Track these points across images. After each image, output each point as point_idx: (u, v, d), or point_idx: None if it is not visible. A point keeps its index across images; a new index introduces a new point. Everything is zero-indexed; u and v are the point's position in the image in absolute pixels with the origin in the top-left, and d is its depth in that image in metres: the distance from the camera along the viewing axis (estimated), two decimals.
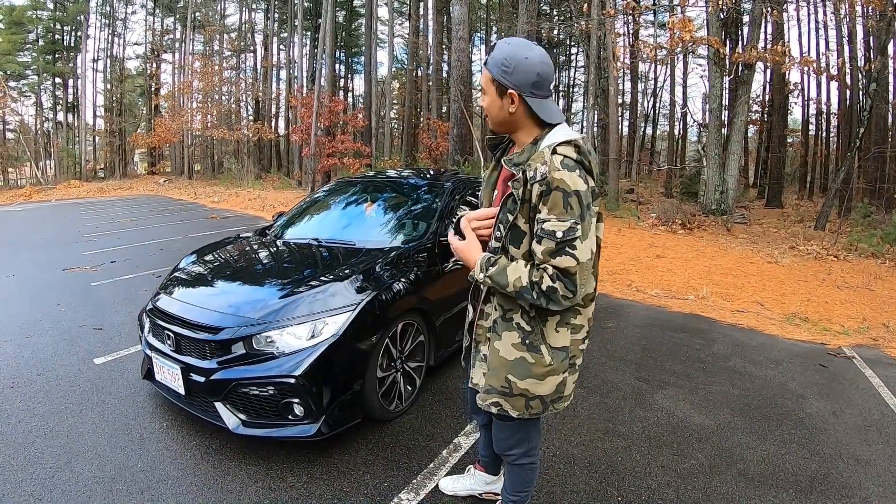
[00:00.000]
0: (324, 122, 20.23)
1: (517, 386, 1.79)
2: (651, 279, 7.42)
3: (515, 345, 1.79)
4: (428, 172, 5.16)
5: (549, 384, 1.79)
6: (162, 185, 26.04)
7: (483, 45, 34.25)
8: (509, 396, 1.82)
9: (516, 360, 1.79)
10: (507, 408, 1.83)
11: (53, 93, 34.50)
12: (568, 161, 1.62)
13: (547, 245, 1.60)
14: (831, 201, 13.20)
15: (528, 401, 1.81)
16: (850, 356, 4.87)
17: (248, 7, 34.04)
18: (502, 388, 1.82)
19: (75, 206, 17.56)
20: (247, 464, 2.78)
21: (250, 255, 3.92)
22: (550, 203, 1.60)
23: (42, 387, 3.63)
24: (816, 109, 24.86)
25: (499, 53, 1.70)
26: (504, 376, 1.81)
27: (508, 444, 2.01)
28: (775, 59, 10.83)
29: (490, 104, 1.76)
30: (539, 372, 1.77)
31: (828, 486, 2.81)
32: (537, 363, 1.76)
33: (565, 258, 1.59)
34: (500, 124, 1.80)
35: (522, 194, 1.67)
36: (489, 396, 1.86)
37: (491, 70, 1.71)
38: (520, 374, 1.78)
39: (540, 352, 1.76)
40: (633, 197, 17.32)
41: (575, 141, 1.68)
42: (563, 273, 1.60)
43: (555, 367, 1.78)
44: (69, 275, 7.03)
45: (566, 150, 1.65)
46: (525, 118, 1.75)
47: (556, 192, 1.59)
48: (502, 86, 1.70)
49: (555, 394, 1.82)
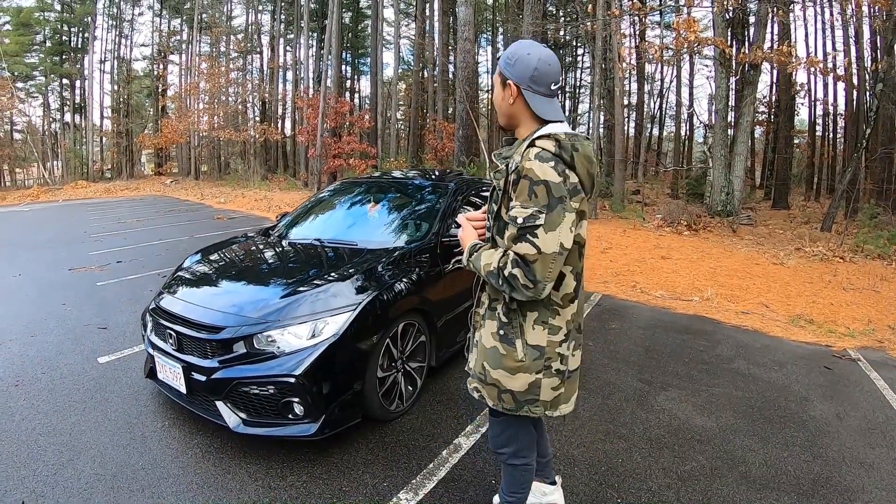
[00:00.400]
0: (330, 123, 20.31)
1: (490, 375, 1.86)
2: (656, 280, 7.39)
3: (493, 334, 1.86)
4: (432, 173, 5.17)
5: (519, 380, 1.82)
6: (169, 185, 26.19)
7: (489, 47, 34.25)
8: (484, 384, 1.90)
9: (491, 348, 1.86)
10: (484, 395, 1.92)
11: (61, 94, 34.80)
12: (544, 154, 1.66)
13: (510, 231, 1.67)
14: (838, 202, 13.12)
15: (499, 392, 1.86)
16: (854, 358, 4.84)
17: (254, 9, 34.20)
18: (479, 373, 1.92)
19: (82, 206, 17.68)
20: (247, 462, 2.79)
21: (253, 255, 3.93)
22: (518, 190, 1.66)
23: (46, 385, 3.66)
24: (823, 110, 24.73)
25: (508, 50, 1.81)
26: (482, 363, 1.90)
27: (499, 442, 2.04)
28: (780, 59, 10.76)
29: (496, 96, 1.86)
30: (509, 365, 1.82)
31: (830, 489, 2.78)
32: (508, 355, 1.82)
33: (524, 245, 1.62)
34: (504, 117, 1.86)
35: (504, 185, 1.74)
36: (472, 380, 1.97)
37: (500, 64, 1.81)
38: (492, 363, 1.85)
39: (513, 345, 1.81)
40: (638, 198, 17.26)
41: (556, 135, 1.70)
42: (522, 260, 1.63)
43: (526, 364, 1.80)
44: (75, 274, 7.08)
45: (544, 143, 1.69)
46: (523, 113, 1.81)
47: (524, 180, 1.64)
48: (504, 77, 1.79)
49: (527, 393, 1.83)
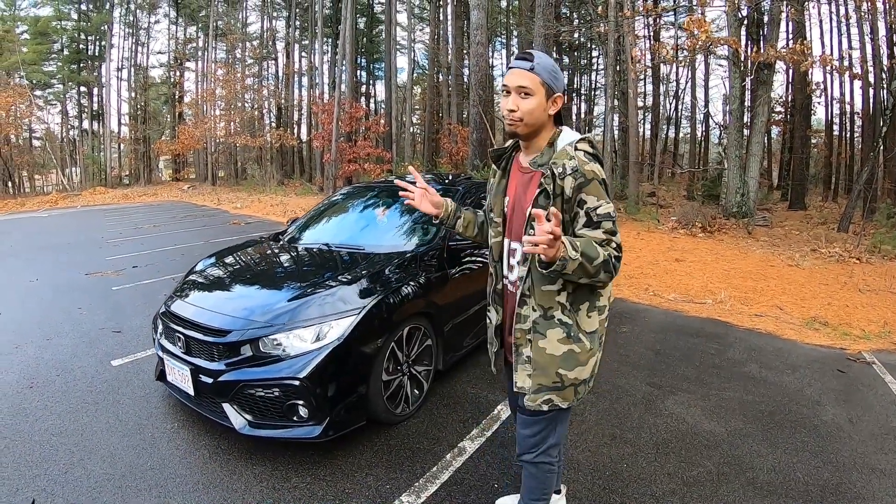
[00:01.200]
0: (345, 128, 20.43)
1: (568, 377, 1.89)
2: (669, 283, 7.34)
3: (561, 339, 1.88)
4: (445, 177, 5.19)
5: (590, 366, 1.92)
6: (186, 191, 26.53)
7: (504, 50, 34.32)
8: (561, 390, 1.91)
9: (565, 353, 1.88)
10: (559, 401, 1.92)
11: (79, 101, 35.42)
12: (589, 155, 1.81)
13: (607, 226, 1.75)
14: (854, 202, 12.90)
15: (576, 388, 1.92)
16: (869, 361, 4.75)
17: (269, 15, 34.55)
18: (554, 383, 1.90)
19: (100, 212, 17.97)
20: (253, 464, 2.83)
21: (262, 259, 3.98)
22: (593, 191, 1.75)
23: (60, 387, 3.74)
24: (840, 109, 24.38)
25: (545, 60, 1.84)
26: (554, 372, 1.89)
27: (533, 442, 2.03)
28: (793, 58, 10.61)
29: (536, 105, 1.84)
30: (584, 359, 1.89)
31: (840, 496, 2.73)
32: (582, 351, 1.89)
33: (618, 234, 1.79)
34: (532, 126, 1.87)
35: (553, 188, 1.78)
36: (539, 395, 1.92)
37: (541, 74, 1.82)
38: (569, 365, 1.89)
39: (581, 340, 1.88)
40: (654, 200, 17.13)
41: (588, 138, 1.87)
42: (618, 248, 1.76)
43: (594, 349, 1.92)
44: (91, 279, 7.20)
45: (585, 146, 1.83)
46: (551, 120, 1.91)
47: (595, 182, 1.76)
48: (552, 90, 1.84)
49: (592, 372, 1.95)
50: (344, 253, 3.74)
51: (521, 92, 1.82)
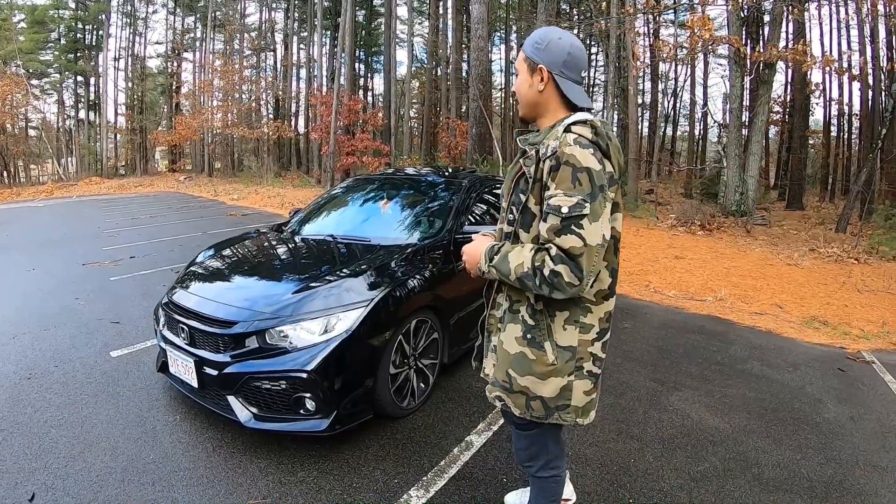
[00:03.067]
0: (343, 121, 20.33)
1: (517, 382, 1.73)
2: (669, 280, 7.34)
3: (517, 338, 1.72)
4: (445, 170, 5.15)
5: (551, 385, 1.70)
6: (182, 182, 26.37)
7: (503, 45, 34.19)
8: (510, 392, 1.76)
9: (517, 354, 1.72)
10: (509, 404, 1.78)
11: (75, 91, 35.20)
12: (581, 139, 1.57)
13: (552, 222, 1.53)
14: (852, 203, 12.96)
15: (528, 400, 1.73)
16: (869, 361, 4.77)
17: (268, 6, 34.33)
18: (503, 382, 1.78)
19: (96, 202, 17.86)
20: (258, 457, 2.80)
21: (266, 250, 3.94)
22: (559, 178, 1.53)
23: (59, 378, 3.69)
24: (838, 110, 24.46)
25: (534, 34, 1.74)
26: (505, 370, 1.76)
27: (527, 455, 1.94)
28: (796, 58, 10.64)
29: (521, 83, 1.75)
30: (539, 370, 1.69)
31: (843, 492, 2.74)
32: (538, 360, 1.69)
33: (570, 237, 1.50)
34: (528, 105, 1.76)
35: (535, 172, 1.61)
36: (493, 389, 1.83)
37: (525, 49, 1.72)
38: (520, 370, 1.72)
39: (542, 348, 1.68)
40: (652, 198, 17.12)
41: (591, 122, 1.62)
42: (567, 254, 1.50)
43: (558, 367, 1.69)
44: (88, 269, 7.14)
45: (581, 130, 1.60)
46: (553, 99, 1.71)
47: (565, 167, 1.52)
48: (533, 62, 1.70)
49: (559, 399, 1.71)
50: (350, 245, 3.71)
51: (516, 72, 1.78)
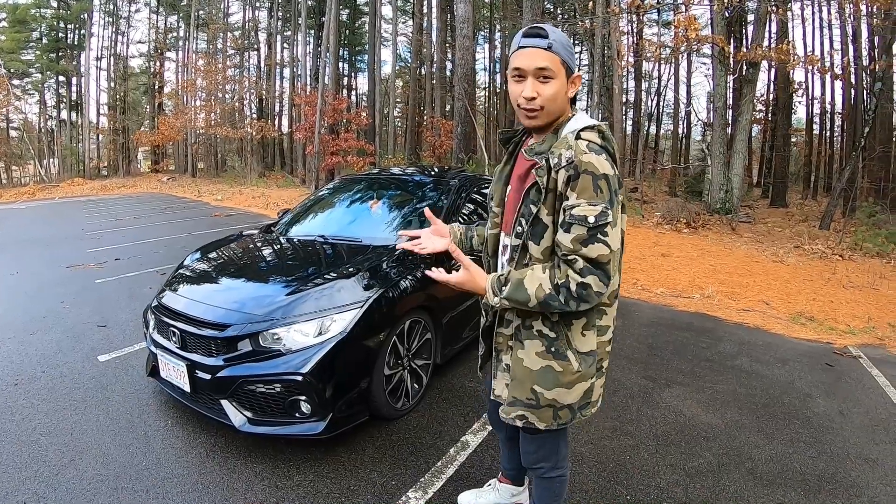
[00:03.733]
0: (327, 120, 20.23)
1: (544, 397, 1.68)
2: (656, 278, 7.38)
3: (539, 353, 1.67)
4: (433, 170, 5.14)
5: (577, 391, 1.68)
6: (165, 183, 26.11)
7: (486, 44, 34.21)
8: (536, 408, 1.70)
9: (542, 369, 1.67)
10: (534, 420, 1.72)
11: (57, 91, 34.64)
12: (594, 146, 1.54)
13: (577, 232, 1.48)
14: (836, 201, 13.15)
15: (556, 411, 1.70)
16: (855, 355, 4.84)
17: (251, 5, 34.06)
18: (528, 399, 1.70)
19: (79, 203, 17.60)
20: (253, 462, 2.77)
21: (256, 252, 3.90)
22: (579, 187, 1.48)
23: (46, 384, 3.62)
24: (821, 108, 24.82)
25: (561, 37, 1.57)
26: (530, 387, 1.69)
27: (536, 458, 1.90)
28: (780, 57, 10.77)
29: (559, 90, 1.58)
30: (567, 380, 1.66)
31: (836, 485, 2.79)
32: (565, 371, 1.65)
33: (597, 245, 1.47)
34: (554, 114, 1.63)
35: (547, 183, 1.55)
36: (514, 409, 1.74)
37: (560, 53, 1.55)
38: (547, 384, 1.67)
39: (567, 358, 1.65)
40: (637, 196, 17.24)
41: (598, 126, 1.59)
42: (594, 264, 1.47)
43: (583, 372, 1.67)
44: (73, 272, 7.03)
45: (591, 136, 1.57)
46: (569, 104, 1.66)
47: (586, 176, 1.48)
48: (570, 69, 1.60)
49: (582, 400, 1.71)
50: (341, 245, 3.68)
51: (541, 76, 1.55)
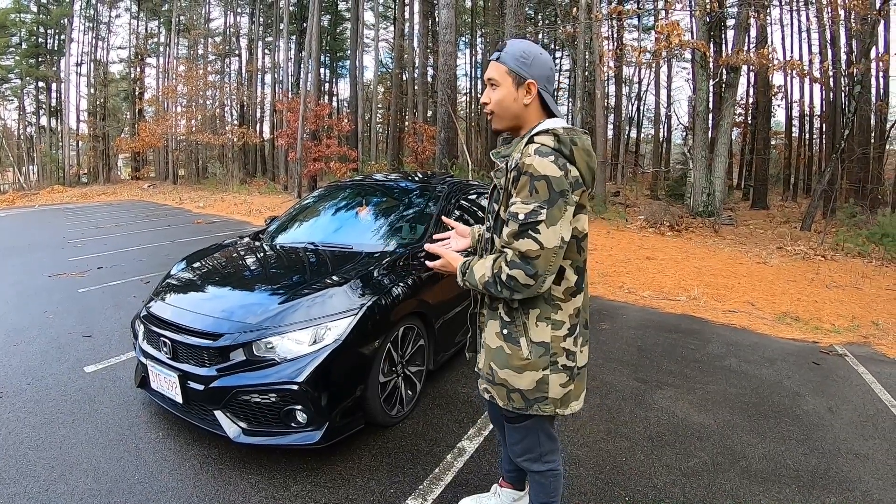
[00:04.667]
0: (310, 126, 20.15)
1: (498, 375, 1.84)
2: (642, 281, 7.44)
3: (497, 333, 1.84)
4: (422, 175, 5.13)
5: (526, 379, 1.79)
6: (146, 190, 25.83)
7: (468, 50, 34.40)
8: (493, 384, 1.87)
9: (496, 348, 1.84)
10: (494, 394, 1.88)
11: (36, 97, 34.18)
12: (543, 148, 1.65)
13: (511, 227, 1.64)
14: (817, 202, 13.37)
15: (508, 392, 1.83)
16: (841, 354, 4.92)
17: (232, 11, 33.86)
18: (487, 374, 1.89)
19: (59, 211, 17.34)
20: (248, 473, 2.73)
21: (246, 260, 3.85)
22: (519, 186, 1.64)
23: (32, 396, 3.55)
24: (799, 111, 25.26)
25: (514, 48, 1.74)
26: (489, 363, 1.87)
27: (520, 449, 1.99)
28: (762, 61, 10.95)
29: (504, 96, 1.75)
30: (515, 364, 1.79)
31: (829, 480, 2.84)
32: (513, 355, 1.79)
33: (526, 241, 1.61)
34: (509, 118, 1.79)
35: (504, 184, 1.72)
36: (482, 381, 1.94)
37: (507, 62, 1.73)
38: (499, 363, 1.83)
39: (518, 344, 1.79)
40: (619, 199, 17.41)
41: (553, 130, 1.69)
42: (522, 257, 1.61)
43: (532, 361, 1.78)
44: (55, 281, 6.90)
45: (543, 139, 1.68)
46: (535, 112, 1.78)
47: (524, 177, 1.62)
48: (520, 77, 1.73)
49: (536, 391, 1.80)
50: (333, 252, 3.66)
51: (490, 83, 1.77)
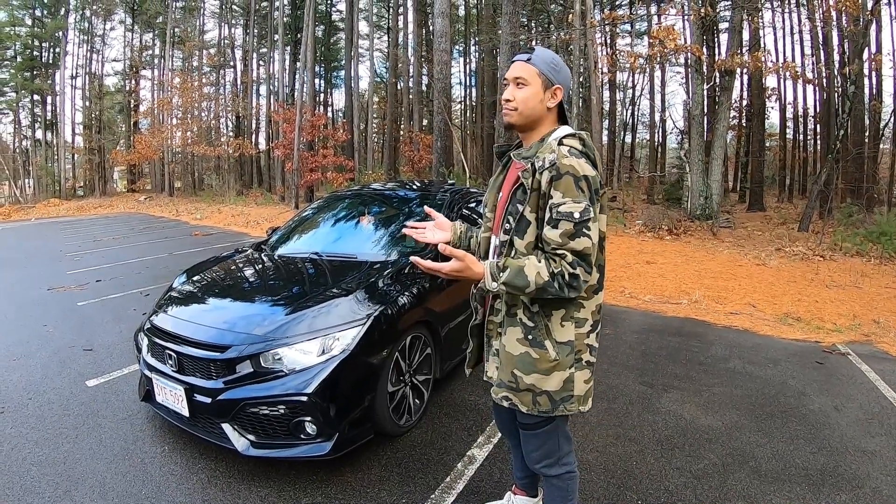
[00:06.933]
0: (306, 137, 20.17)
1: (523, 381, 1.83)
2: (643, 285, 7.45)
3: (520, 340, 1.83)
4: (421, 184, 5.14)
5: (555, 379, 1.81)
6: (143, 202, 25.78)
7: (462, 58, 34.51)
8: (516, 391, 1.85)
9: (521, 354, 1.83)
10: (516, 402, 1.87)
11: (32, 110, 34.13)
12: (574, 150, 1.73)
13: (565, 227, 1.65)
14: (813, 203, 13.42)
15: (534, 396, 1.83)
16: (844, 353, 4.94)
17: (227, 22, 33.94)
18: (510, 382, 1.86)
19: (56, 224, 17.29)
20: (258, 486, 2.70)
21: (250, 271, 3.84)
22: (563, 187, 1.67)
23: (34, 411, 3.51)
24: (794, 113, 25.40)
25: (545, 54, 1.84)
26: (511, 371, 1.85)
27: (539, 455, 1.98)
28: (756, 64, 11.01)
29: (531, 96, 1.82)
30: (544, 367, 1.80)
31: (838, 478, 2.85)
32: (542, 358, 1.80)
33: (583, 239, 1.65)
34: (530, 118, 1.85)
35: (531, 184, 1.75)
36: (500, 390, 1.91)
37: (538, 65, 1.81)
38: (525, 369, 1.82)
39: (544, 347, 1.80)
40: (616, 204, 17.43)
41: (579, 134, 1.81)
42: (580, 256, 1.65)
43: (560, 361, 1.81)
44: (54, 294, 6.87)
45: (572, 142, 1.77)
46: (553, 115, 1.88)
47: (568, 177, 1.67)
48: (549, 80, 1.82)
49: (563, 391, 1.82)
50: (337, 262, 3.64)
51: (517, 82, 1.83)
